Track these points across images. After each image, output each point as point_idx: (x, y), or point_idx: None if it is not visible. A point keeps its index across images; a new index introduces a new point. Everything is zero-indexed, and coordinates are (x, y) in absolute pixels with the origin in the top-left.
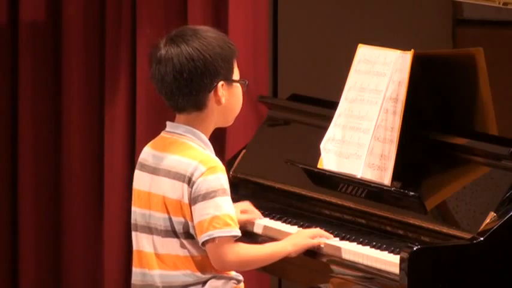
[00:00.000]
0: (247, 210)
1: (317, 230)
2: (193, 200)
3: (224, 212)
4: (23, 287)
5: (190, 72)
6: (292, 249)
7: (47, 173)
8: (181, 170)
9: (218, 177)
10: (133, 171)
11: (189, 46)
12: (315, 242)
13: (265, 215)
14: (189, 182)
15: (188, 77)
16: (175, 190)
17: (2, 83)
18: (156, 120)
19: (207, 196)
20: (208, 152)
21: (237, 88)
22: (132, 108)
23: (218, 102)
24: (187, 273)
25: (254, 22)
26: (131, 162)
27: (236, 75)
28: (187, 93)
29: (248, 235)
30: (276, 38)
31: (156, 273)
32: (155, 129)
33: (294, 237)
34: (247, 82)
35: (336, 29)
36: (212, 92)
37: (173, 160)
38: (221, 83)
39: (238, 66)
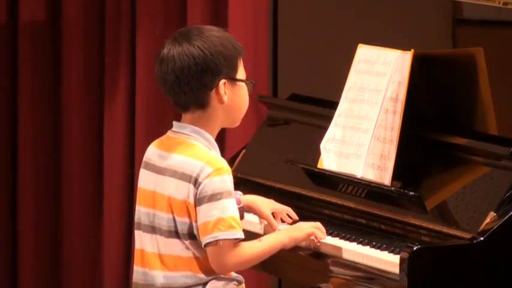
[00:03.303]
0: (277, 212)
1: (314, 226)
2: (198, 201)
3: (229, 215)
4: (22, 287)
5: (191, 70)
6: (289, 242)
7: (47, 172)
8: (188, 170)
9: (224, 179)
10: (133, 171)
11: (191, 45)
12: (311, 237)
13: None
14: (195, 182)
15: (189, 74)
16: (181, 191)
17: (2, 83)
18: (156, 120)
19: (212, 198)
20: (214, 153)
21: (242, 88)
22: (132, 108)
23: (220, 100)
24: (187, 275)
25: (254, 22)
26: (131, 162)
27: (241, 74)
28: (188, 90)
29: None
30: (276, 38)
31: (157, 274)
32: (155, 129)
33: (292, 230)
34: (253, 82)
35: (336, 29)
36: (214, 90)
37: (180, 160)
38: (223, 81)
39: None
